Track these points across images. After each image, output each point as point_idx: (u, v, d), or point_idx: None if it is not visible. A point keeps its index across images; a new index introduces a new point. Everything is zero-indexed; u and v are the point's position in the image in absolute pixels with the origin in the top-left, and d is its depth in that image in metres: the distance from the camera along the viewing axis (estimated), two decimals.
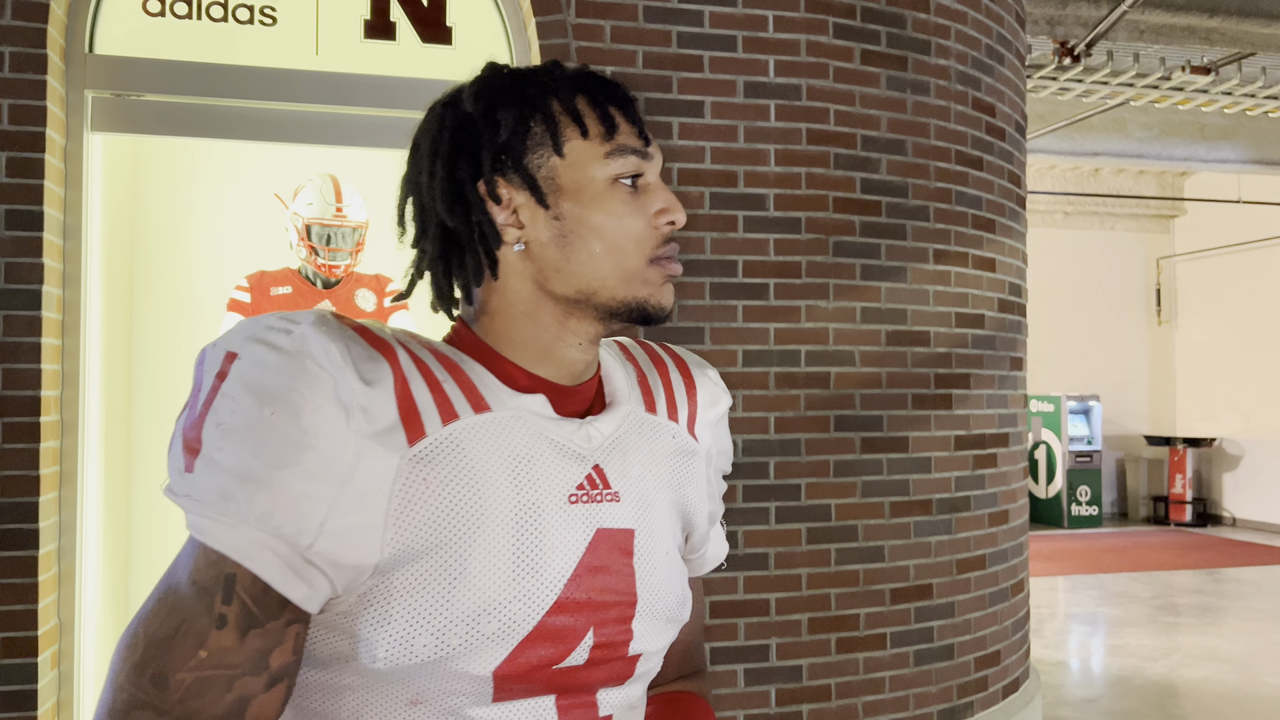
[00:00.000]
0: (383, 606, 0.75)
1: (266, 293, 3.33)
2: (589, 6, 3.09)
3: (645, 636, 0.87)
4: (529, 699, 0.81)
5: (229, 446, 0.72)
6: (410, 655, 0.75)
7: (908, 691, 3.30)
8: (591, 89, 0.86)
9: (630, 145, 0.84)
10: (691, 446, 0.95)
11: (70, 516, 2.78)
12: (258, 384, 0.73)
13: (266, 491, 0.71)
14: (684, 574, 0.93)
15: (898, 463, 3.32)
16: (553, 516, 0.81)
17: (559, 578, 0.80)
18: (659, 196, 0.86)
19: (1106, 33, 5.71)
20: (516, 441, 0.81)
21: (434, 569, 0.76)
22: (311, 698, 0.80)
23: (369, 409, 0.74)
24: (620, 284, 0.84)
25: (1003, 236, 3.72)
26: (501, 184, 0.84)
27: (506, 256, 0.85)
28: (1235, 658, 5.40)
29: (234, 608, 0.72)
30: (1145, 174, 11.28)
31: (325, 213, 3.30)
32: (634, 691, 0.89)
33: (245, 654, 0.73)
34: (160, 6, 2.96)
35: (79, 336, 2.82)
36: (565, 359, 0.86)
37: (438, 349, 0.83)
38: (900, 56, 3.40)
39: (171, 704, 0.71)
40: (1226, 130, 8.45)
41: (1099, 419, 11.00)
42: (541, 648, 0.79)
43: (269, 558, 0.72)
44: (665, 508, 0.91)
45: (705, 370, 1.00)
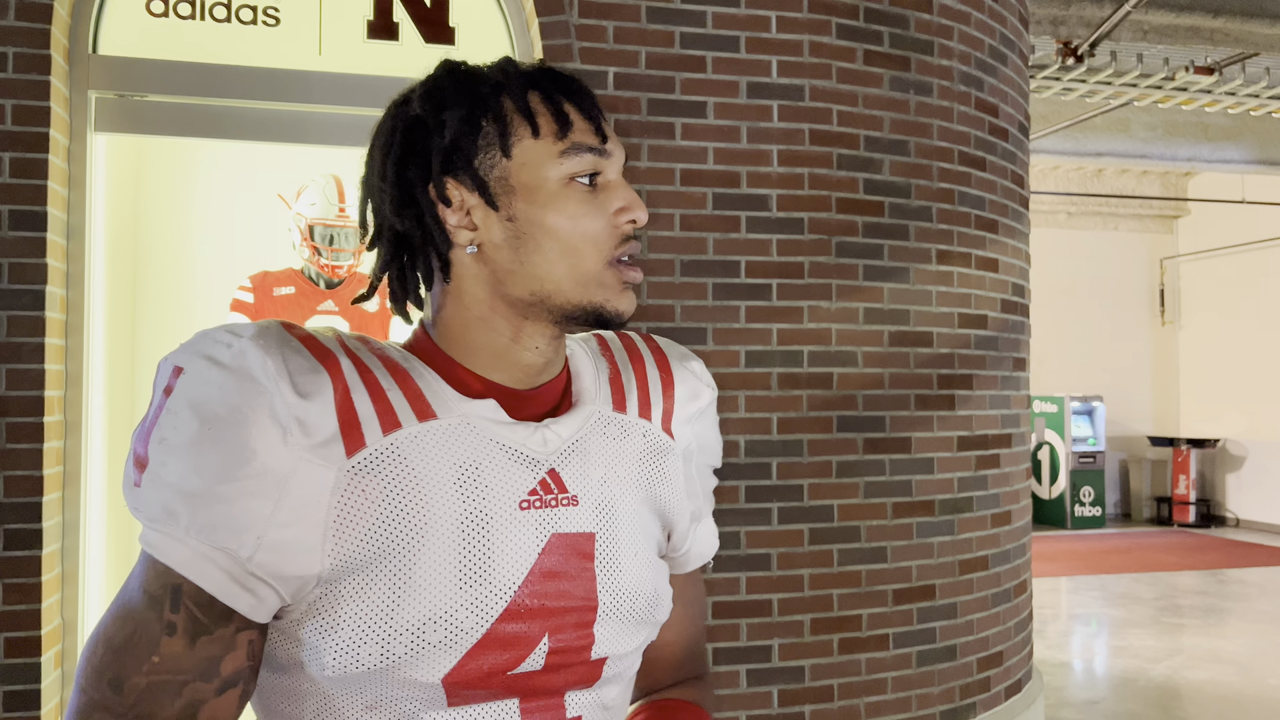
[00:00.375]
0: (330, 615, 0.75)
1: (269, 293, 3.34)
2: (592, 7, 3.09)
3: (610, 640, 0.85)
4: (489, 703, 0.80)
5: (171, 462, 0.73)
6: (356, 664, 0.75)
7: (910, 692, 3.29)
8: (545, 85, 0.83)
9: (585, 143, 0.82)
10: (665, 444, 0.93)
11: (74, 516, 2.78)
12: (198, 400, 0.74)
13: (206, 507, 0.72)
14: (659, 574, 0.91)
15: (900, 463, 3.32)
16: (502, 523, 0.79)
17: (509, 585, 0.79)
18: (619, 194, 0.83)
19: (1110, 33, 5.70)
20: (463, 449, 0.79)
21: (378, 579, 0.75)
22: (278, 701, 0.81)
23: (305, 422, 0.74)
24: (576, 287, 0.82)
25: (1006, 237, 3.72)
26: (452, 185, 0.82)
27: (460, 259, 0.83)
28: (1239, 659, 5.39)
29: (181, 616, 0.74)
30: (1149, 174, 11.27)
31: (328, 213, 3.30)
32: (607, 693, 0.87)
33: (195, 660, 0.74)
34: (163, 7, 2.96)
35: (82, 337, 2.82)
36: (521, 362, 0.85)
37: (389, 355, 0.82)
38: (903, 57, 3.40)
39: (126, 707, 0.73)
40: (1230, 131, 8.44)
41: (1102, 420, 10.99)
42: (492, 655, 0.78)
43: (212, 570, 0.73)
44: (634, 508, 0.89)
45: (687, 362, 0.97)
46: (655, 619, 0.89)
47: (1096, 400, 11.02)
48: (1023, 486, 3.83)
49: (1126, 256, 11.91)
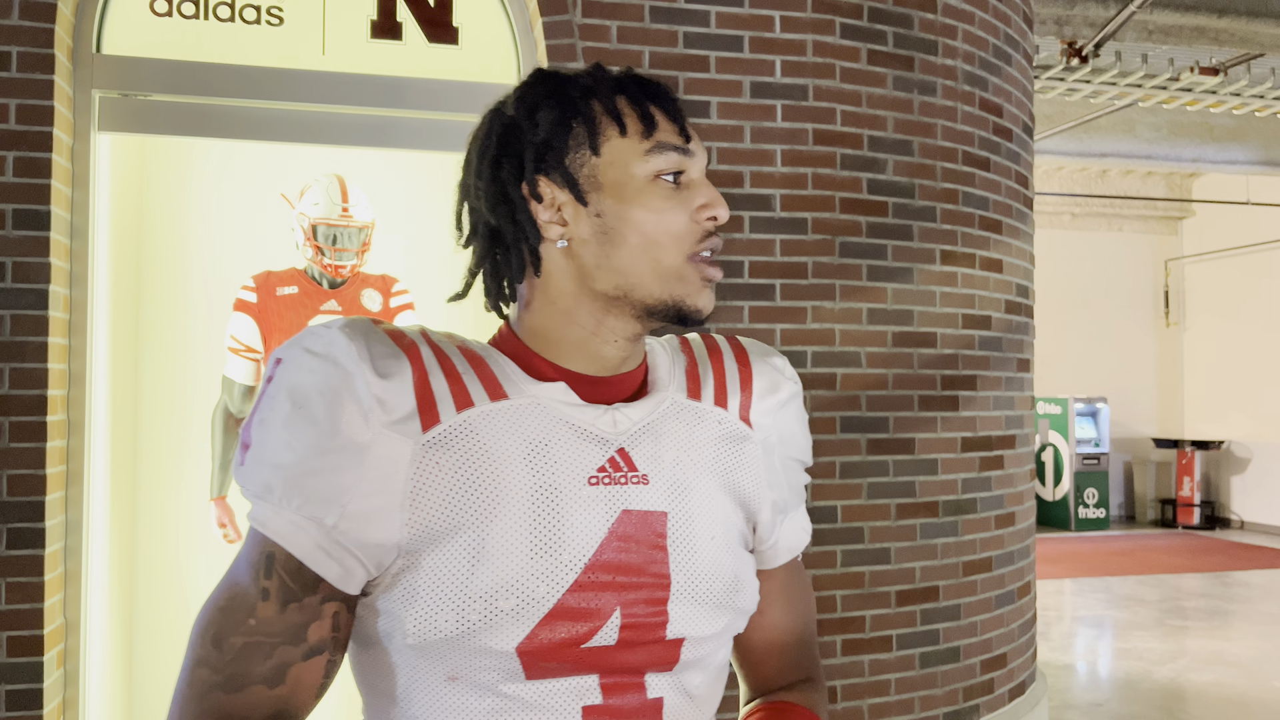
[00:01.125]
0: (410, 585, 0.81)
1: (273, 293, 3.33)
2: (595, 7, 3.08)
3: (685, 620, 0.87)
4: (569, 678, 0.83)
5: (268, 441, 0.81)
6: (435, 630, 0.80)
7: (913, 694, 3.29)
8: (632, 89, 0.88)
9: (670, 142, 0.87)
10: (743, 432, 0.95)
11: (76, 515, 2.78)
12: (292, 385, 0.81)
13: (297, 480, 0.79)
14: (740, 560, 0.92)
15: (904, 464, 3.31)
16: (571, 497, 0.84)
17: (579, 557, 0.83)
18: (701, 192, 0.87)
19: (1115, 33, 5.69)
20: (533, 427, 0.84)
21: (453, 548, 0.81)
22: (374, 676, 0.87)
23: (385, 400, 0.80)
24: (657, 281, 0.86)
25: (1010, 237, 3.71)
26: (544, 183, 0.87)
27: (549, 253, 0.88)
28: (1243, 662, 5.38)
29: (274, 582, 0.81)
30: (1153, 175, 11.25)
31: (331, 213, 3.30)
32: (689, 679, 0.89)
33: (284, 625, 0.80)
34: (167, 6, 2.96)
35: (85, 336, 2.82)
36: (600, 354, 0.89)
37: (467, 346, 0.88)
38: (907, 57, 3.39)
39: (224, 663, 0.80)
40: (1235, 131, 8.42)
41: (1106, 421, 10.96)
42: (563, 625, 0.81)
43: (302, 539, 0.80)
44: (711, 493, 0.91)
45: (768, 358, 1.00)
46: (736, 605, 0.91)
47: (1101, 402, 11.00)
48: (1026, 488, 3.82)
49: (1131, 258, 11.89)
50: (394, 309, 3.45)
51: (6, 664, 2.62)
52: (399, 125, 3.08)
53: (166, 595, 3.72)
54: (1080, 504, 10.77)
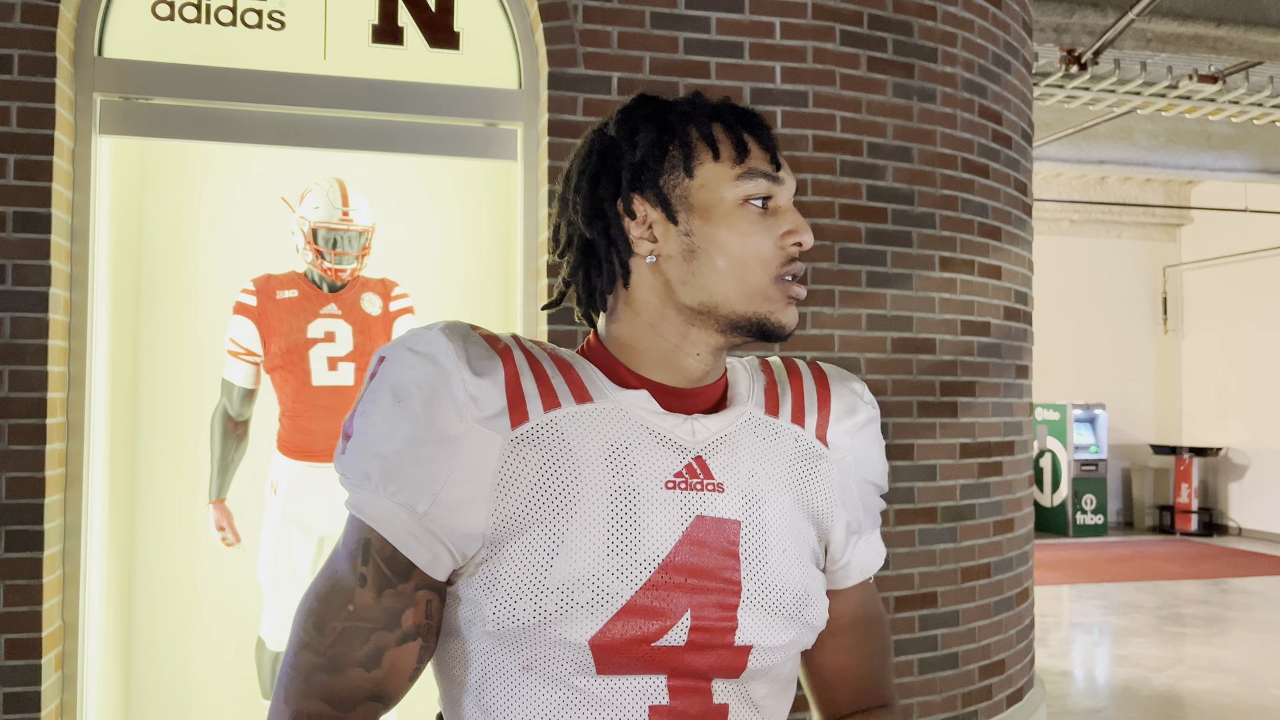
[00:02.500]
0: (492, 573, 0.84)
1: (272, 296, 3.34)
2: (596, 12, 3.09)
3: (753, 628, 0.89)
4: (638, 675, 0.85)
5: (369, 431, 0.86)
6: (513, 618, 0.83)
7: (912, 700, 3.29)
8: (728, 117, 0.93)
9: (761, 169, 0.90)
10: (819, 450, 0.98)
11: (75, 519, 2.78)
12: (394, 381, 0.86)
13: (393, 468, 0.84)
14: (810, 576, 0.94)
15: (903, 470, 3.31)
16: (648, 499, 0.87)
17: (654, 556, 0.86)
18: (788, 218, 0.91)
19: (1114, 41, 5.71)
20: (615, 430, 0.88)
21: (535, 540, 0.84)
22: (451, 665, 0.90)
23: (478, 397, 0.85)
24: (742, 299, 0.89)
25: (1009, 244, 3.72)
26: (638, 201, 0.91)
27: (639, 267, 0.92)
28: (1241, 669, 5.38)
29: (370, 568, 0.85)
30: (1152, 182, 11.27)
31: (332, 217, 3.30)
32: (755, 689, 0.91)
33: (381, 610, 0.85)
34: (169, 10, 2.97)
35: (85, 339, 2.82)
36: (683, 366, 0.93)
37: (558, 353, 0.93)
38: (907, 64, 3.40)
39: (325, 647, 0.85)
40: (1234, 139, 8.44)
41: (1105, 427, 10.97)
42: (636, 622, 0.84)
43: (397, 525, 0.84)
44: (786, 507, 0.94)
45: (847, 382, 1.03)
46: (805, 619, 0.92)
47: (1099, 408, 11.01)
48: (1025, 494, 3.82)
49: (1129, 264, 11.90)
50: (393, 313, 3.46)
51: (5, 667, 2.62)
52: (400, 130, 3.09)
53: (165, 598, 3.72)
54: (1078, 510, 10.77)
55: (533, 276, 3.11)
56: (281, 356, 3.30)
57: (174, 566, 3.73)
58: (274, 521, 3.35)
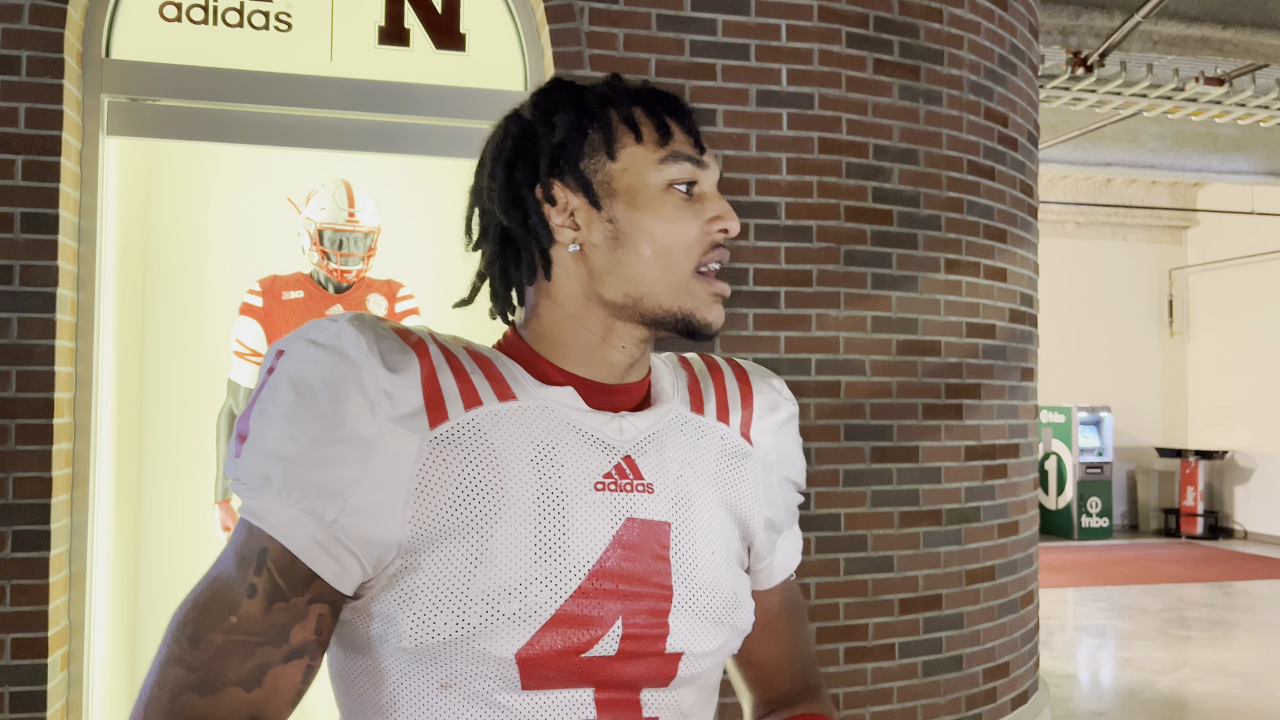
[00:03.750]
0: (408, 585, 0.78)
1: (278, 297, 3.35)
2: (602, 15, 3.09)
3: (685, 634, 0.86)
4: (564, 689, 0.81)
5: (269, 431, 0.79)
6: (433, 633, 0.78)
7: (916, 702, 3.28)
8: (648, 99, 0.89)
9: (685, 152, 0.87)
10: (744, 449, 0.95)
11: (82, 519, 2.79)
12: (296, 376, 0.79)
13: (297, 472, 0.77)
14: (738, 579, 0.92)
15: (907, 472, 3.31)
16: (577, 502, 0.82)
17: (583, 562, 0.81)
18: (713, 204, 0.88)
19: (1120, 43, 5.70)
20: (541, 429, 0.83)
21: (456, 549, 0.79)
22: (358, 683, 0.84)
23: (393, 395, 0.79)
24: (667, 292, 0.86)
25: (1014, 246, 3.72)
26: (558, 187, 0.87)
27: (560, 257, 0.88)
28: (1246, 672, 5.36)
29: (264, 579, 0.77)
30: (1158, 185, 11.25)
31: (338, 218, 3.31)
32: (684, 697, 0.88)
33: (268, 625, 0.77)
34: (176, 12, 2.98)
35: (92, 339, 2.83)
36: (608, 361, 0.89)
37: (473, 348, 0.87)
38: (913, 66, 3.40)
39: (200, 662, 0.76)
40: (1240, 141, 8.42)
41: (1110, 430, 10.95)
42: (565, 633, 0.80)
43: (300, 533, 0.77)
44: (712, 507, 0.91)
45: (767, 379, 1.01)
46: (733, 622, 0.90)
47: (1104, 411, 10.99)
48: (1030, 497, 3.82)
49: (1135, 267, 11.88)
50: (399, 314, 3.46)
51: (11, 666, 2.62)
52: (406, 131, 3.09)
53: (170, 598, 3.73)
54: (1083, 513, 10.75)
55: None
56: None
57: (180, 567, 3.73)
58: None
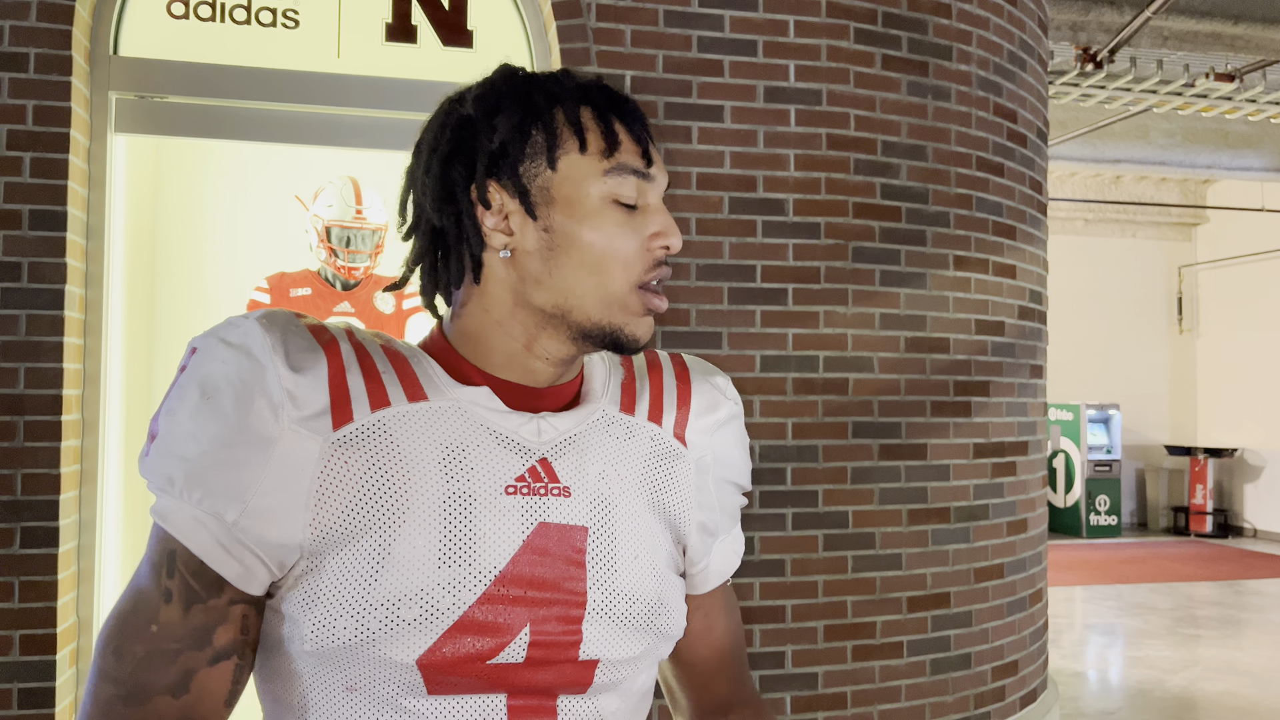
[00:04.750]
0: (310, 589, 0.77)
1: (286, 294, 3.35)
2: (609, 11, 3.09)
3: (600, 641, 0.83)
4: (474, 695, 0.79)
5: (174, 431, 0.78)
6: (332, 638, 0.76)
7: (924, 701, 3.28)
8: (599, 102, 0.84)
9: (630, 165, 0.83)
10: (675, 450, 0.91)
11: (90, 515, 2.80)
12: (203, 375, 0.78)
13: (199, 473, 0.76)
14: (665, 583, 0.89)
15: (916, 470, 3.30)
16: (486, 506, 0.80)
17: (489, 568, 0.79)
18: (656, 219, 0.84)
19: (1130, 39, 5.67)
20: (450, 430, 0.81)
21: (358, 553, 0.77)
22: (272, 683, 0.83)
23: (296, 395, 0.77)
24: (598, 305, 0.83)
25: (1023, 243, 3.70)
26: (494, 189, 0.83)
27: (491, 262, 0.85)
28: (1255, 671, 5.34)
29: (176, 582, 0.77)
30: (1167, 181, 11.20)
31: (345, 215, 3.31)
32: (604, 705, 0.85)
33: (188, 629, 0.77)
34: (184, 9, 2.98)
35: (100, 336, 2.84)
36: (529, 369, 0.86)
37: (394, 347, 0.85)
38: (921, 62, 3.38)
39: (126, 675, 0.76)
40: (1250, 138, 8.38)
41: (1119, 428, 10.92)
42: (468, 639, 0.78)
43: (202, 534, 0.76)
44: (637, 511, 0.88)
45: (710, 377, 0.97)
46: (657, 628, 0.87)
47: (1113, 408, 10.95)
48: (1038, 495, 3.81)
49: (1144, 264, 11.84)
50: (407, 311, 3.47)
51: (19, 662, 2.63)
52: (413, 128, 3.07)
53: None
54: (1092, 511, 10.72)
55: None
56: None
57: None
58: None
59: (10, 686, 2.62)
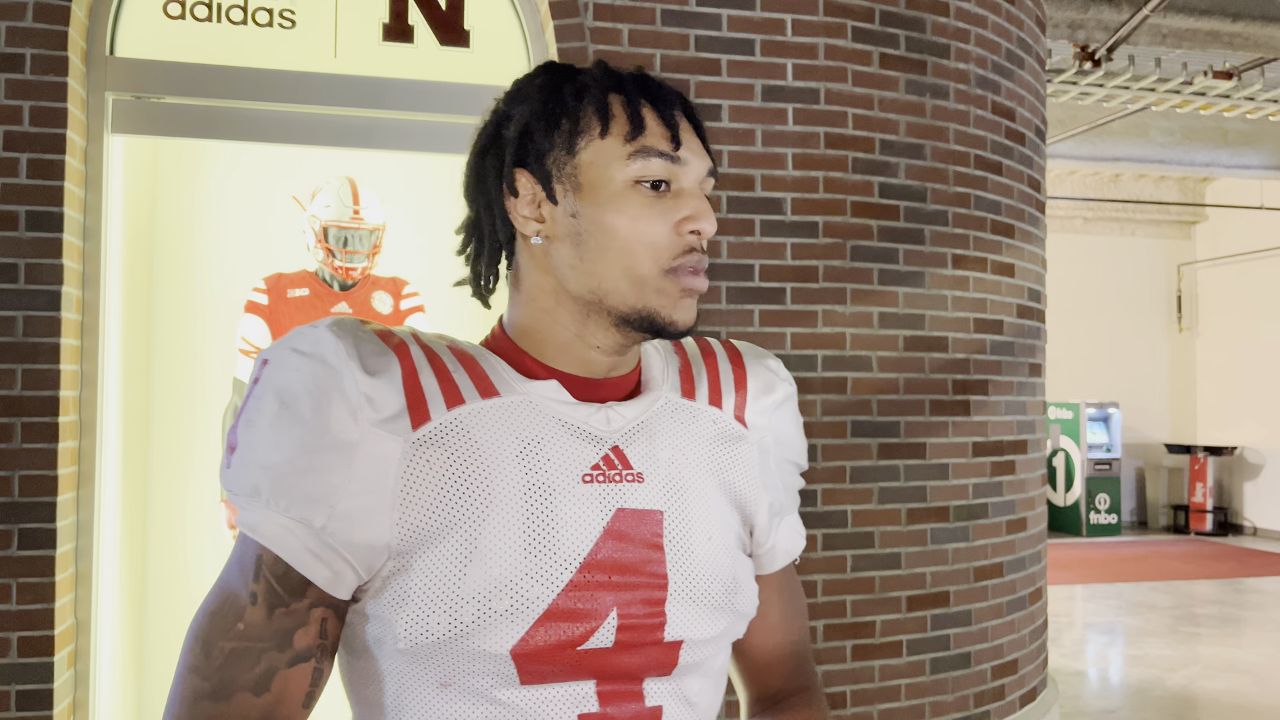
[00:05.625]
0: (401, 588, 0.79)
1: (283, 295, 3.34)
2: (607, 10, 3.08)
3: (683, 622, 0.85)
4: (565, 683, 0.81)
5: (255, 441, 0.79)
6: (426, 634, 0.78)
7: (923, 700, 3.27)
8: (630, 88, 0.85)
9: (656, 148, 0.83)
10: (738, 432, 0.93)
11: (88, 516, 2.79)
12: (279, 385, 0.80)
13: (284, 480, 0.78)
14: (738, 562, 0.91)
15: (915, 469, 3.30)
16: (565, 496, 0.82)
17: (574, 556, 0.81)
18: (687, 203, 0.84)
19: (1128, 37, 5.67)
20: (525, 424, 0.83)
21: (445, 549, 0.79)
22: (362, 686, 0.85)
23: (374, 398, 0.79)
24: (630, 290, 0.83)
25: (1022, 242, 3.70)
26: (523, 177, 0.85)
27: (524, 250, 0.87)
28: (1255, 669, 5.34)
29: (262, 586, 0.79)
30: (1166, 179, 11.20)
31: (342, 215, 3.31)
32: (689, 685, 0.86)
33: (272, 630, 0.79)
34: (180, 9, 2.98)
35: (98, 337, 2.83)
36: (585, 359, 0.87)
37: (457, 346, 0.86)
38: (919, 60, 3.38)
39: (213, 670, 0.78)
40: (1249, 136, 8.38)
41: (1118, 426, 10.91)
42: (559, 626, 0.79)
43: (290, 541, 0.78)
44: (708, 493, 0.89)
45: (763, 359, 0.99)
46: (735, 607, 0.89)
47: (1112, 407, 10.95)
48: (1038, 493, 3.80)
49: (1143, 262, 11.83)
50: (405, 311, 3.46)
51: (17, 664, 2.63)
52: (410, 128, 3.08)
53: (177, 596, 3.73)
54: (1092, 509, 10.72)
55: None
56: None
57: (186, 564, 3.74)
58: None
59: (8, 689, 2.62)
